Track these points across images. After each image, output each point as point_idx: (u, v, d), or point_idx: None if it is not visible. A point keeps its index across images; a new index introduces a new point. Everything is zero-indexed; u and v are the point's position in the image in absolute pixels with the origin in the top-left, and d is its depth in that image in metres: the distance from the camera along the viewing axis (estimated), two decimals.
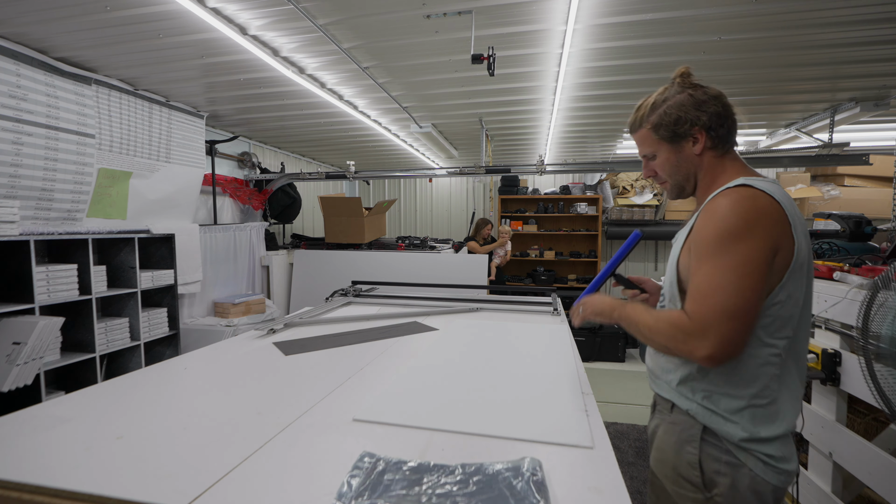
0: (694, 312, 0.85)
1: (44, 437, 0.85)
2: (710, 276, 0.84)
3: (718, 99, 0.96)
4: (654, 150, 1.01)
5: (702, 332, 0.83)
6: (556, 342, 1.60)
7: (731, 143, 0.99)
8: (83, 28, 2.15)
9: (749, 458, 0.88)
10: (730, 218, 0.84)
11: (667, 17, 2.10)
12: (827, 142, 3.61)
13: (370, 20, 2.14)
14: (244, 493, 0.69)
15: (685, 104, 0.95)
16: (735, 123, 0.98)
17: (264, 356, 1.43)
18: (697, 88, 0.97)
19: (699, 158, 0.98)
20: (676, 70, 1.00)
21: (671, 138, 0.98)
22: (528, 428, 0.92)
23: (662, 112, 0.97)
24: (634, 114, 1.04)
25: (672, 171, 1.01)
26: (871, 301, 1.39)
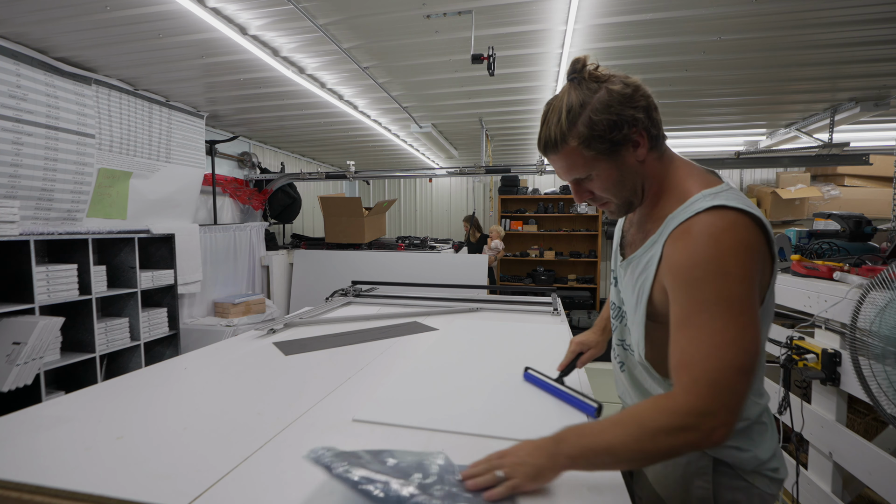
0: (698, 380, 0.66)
1: (44, 437, 0.85)
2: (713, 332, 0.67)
3: (642, 87, 0.77)
4: (588, 169, 0.78)
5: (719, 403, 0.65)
6: (557, 342, 1.60)
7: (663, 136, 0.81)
8: (83, 28, 2.15)
9: (758, 478, 0.80)
10: (721, 258, 0.68)
11: (667, 17, 2.10)
12: (827, 142, 3.61)
13: (370, 20, 2.14)
14: (244, 493, 0.69)
15: (612, 103, 0.74)
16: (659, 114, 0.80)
17: (264, 356, 1.43)
18: (612, 80, 0.76)
19: (642, 166, 0.79)
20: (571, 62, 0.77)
21: (609, 150, 0.75)
22: (529, 429, 0.92)
23: (588, 119, 0.74)
24: (546, 129, 0.78)
25: (617, 189, 0.80)
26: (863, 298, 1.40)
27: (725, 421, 0.64)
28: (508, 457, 0.69)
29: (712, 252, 0.69)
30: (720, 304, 0.67)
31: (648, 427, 0.65)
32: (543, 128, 0.79)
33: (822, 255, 2.03)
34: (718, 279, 0.68)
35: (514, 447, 0.71)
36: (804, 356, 1.73)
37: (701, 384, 0.65)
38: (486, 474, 0.67)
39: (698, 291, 0.69)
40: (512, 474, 0.66)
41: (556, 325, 1.87)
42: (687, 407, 0.65)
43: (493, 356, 1.44)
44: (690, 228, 0.72)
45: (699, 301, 0.69)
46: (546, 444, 0.69)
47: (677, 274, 0.72)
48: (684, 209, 0.75)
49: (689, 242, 0.71)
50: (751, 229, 0.70)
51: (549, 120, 0.78)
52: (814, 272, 1.86)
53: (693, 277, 0.70)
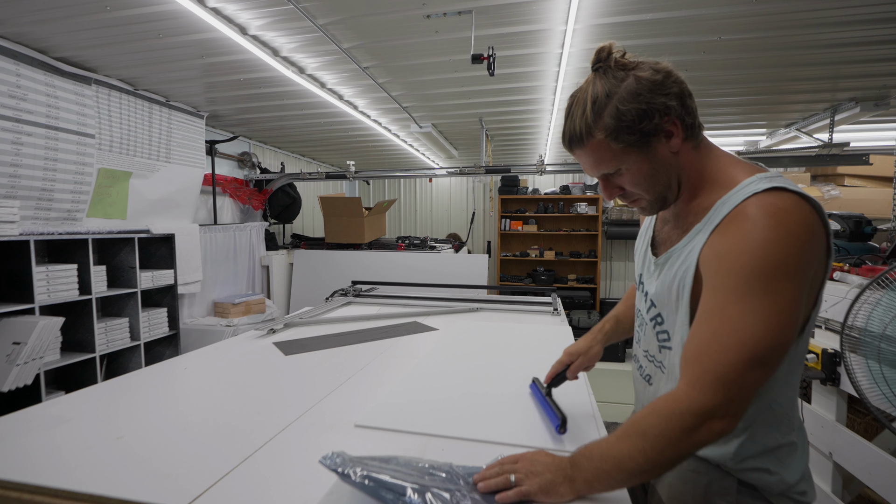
0: (709, 373, 0.62)
1: (44, 437, 0.85)
2: (743, 325, 0.62)
3: (674, 73, 0.71)
4: (617, 163, 0.73)
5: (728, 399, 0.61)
6: (557, 342, 1.60)
7: (702, 127, 0.75)
8: (83, 28, 2.15)
9: (784, 501, 0.74)
10: (777, 242, 0.61)
11: (667, 17, 2.10)
12: (827, 142, 3.61)
13: (370, 20, 2.14)
14: (244, 493, 0.69)
15: (641, 91, 0.68)
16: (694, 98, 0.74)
17: (264, 356, 1.43)
18: (641, 67, 0.70)
19: (677, 157, 0.73)
20: (596, 51, 0.73)
21: (639, 141, 0.70)
22: (531, 434, 0.91)
23: (615, 110, 0.69)
24: (570, 122, 0.74)
25: (649, 184, 0.74)
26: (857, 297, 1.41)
27: (732, 414, 0.61)
28: (523, 462, 0.68)
29: (771, 234, 0.62)
30: (766, 296, 0.61)
31: (651, 436, 0.62)
32: (568, 122, 0.74)
33: None
34: (772, 266, 0.61)
35: (529, 453, 0.70)
36: (804, 356, 1.73)
37: (708, 377, 0.62)
38: (498, 477, 0.65)
39: (743, 278, 0.62)
40: (524, 482, 0.65)
41: (556, 325, 1.87)
42: (689, 406, 0.62)
43: (494, 357, 1.44)
44: (746, 210, 0.66)
45: (741, 289, 0.62)
46: (563, 465, 0.67)
47: (724, 258, 0.65)
48: (738, 192, 0.69)
49: (745, 224, 0.65)
50: (813, 215, 0.64)
51: (573, 113, 0.73)
52: None
53: (742, 263, 0.63)
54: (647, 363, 0.86)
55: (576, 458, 0.67)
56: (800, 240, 0.62)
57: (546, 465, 0.67)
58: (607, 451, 0.65)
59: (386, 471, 0.65)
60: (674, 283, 0.75)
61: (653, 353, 0.83)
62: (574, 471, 0.66)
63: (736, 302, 0.63)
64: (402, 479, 0.63)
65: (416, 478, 0.65)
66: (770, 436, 0.73)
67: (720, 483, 0.75)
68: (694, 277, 0.72)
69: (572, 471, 0.66)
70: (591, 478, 0.64)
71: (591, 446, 0.67)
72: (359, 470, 0.63)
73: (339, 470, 0.63)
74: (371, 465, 0.66)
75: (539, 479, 0.65)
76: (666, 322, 0.79)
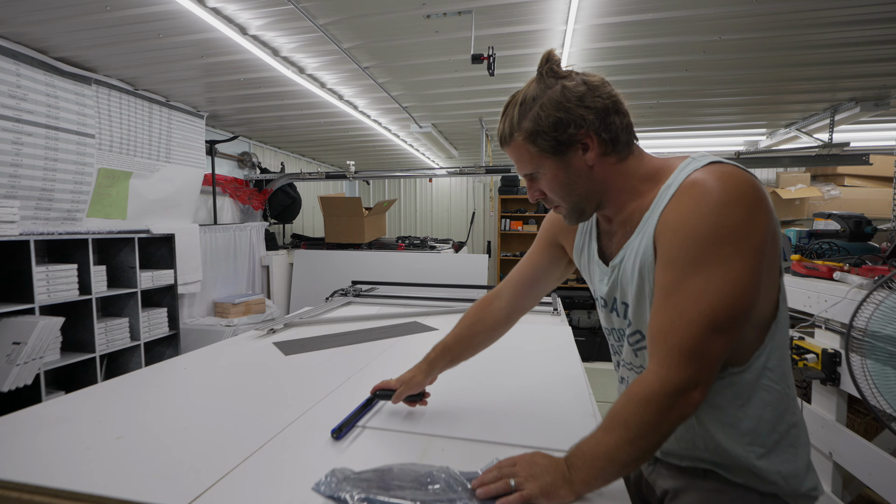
0: (677, 349, 0.63)
1: (44, 437, 0.85)
2: (702, 295, 0.62)
3: (601, 88, 0.72)
4: (534, 166, 0.75)
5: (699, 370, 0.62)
6: (557, 342, 1.60)
7: (631, 141, 0.75)
8: (83, 28, 2.15)
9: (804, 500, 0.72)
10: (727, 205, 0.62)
11: (667, 17, 2.10)
12: (827, 142, 3.61)
13: (370, 20, 2.14)
14: (244, 493, 0.69)
15: (561, 101, 0.70)
16: (628, 115, 0.74)
17: (264, 356, 1.43)
18: (572, 77, 0.72)
19: (592, 171, 0.74)
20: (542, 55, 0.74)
21: (554, 149, 0.72)
22: (533, 434, 0.91)
23: (535, 115, 0.71)
24: (501, 120, 0.77)
25: (564, 192, 0.76)
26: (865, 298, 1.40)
27: (703, 383, 0.63)
28: (521, 465, 0.68)
29: (723, 196, 0.62)
30: (724, 262, 0.62)
31: (633, 425, 0.63)
32: (501, 119, 0.77)
33: (822, 255, 2.03)
34: (727, 230, 0.62)
35: (527, 455, 0.70)
36: (804, 356, 1.73)
37: (675, 353, 0.63)
38: (498, 482, 0.65)
39: (700, 246, 0.63)
40: (525, 485, 0.65)
41: (556, 325, 1.87)
42: (661, 387, 0.62)
43: (494, 356, 1.43)
44: (694, 180, 0.66)
45: (699, 259, 0.63)
46: (561, 467, 0.67)
47: (679, 228, 0.65)
48: (679, 172, 0.70)
49: (695, 191, 0.65)
50: (754, 182, 0.65)
51: (506, 112, 0.76)
52: (814, 272, 1.86)
53: (697, 230, 0.63)
54: (627, 373, 0.84)
55: (570, 459, 0.67)
56: (750, 201, 0.63)
57: (545, 468, 0.67)
58: (596, 447, 0.66)
59: (383, 489, 0.65)
60: (634, 273, 0.74)
61: (630, 360, 0.82)
62: (571, 472, 0.66)
63: (694, 274, 0.63)
64: (401, 498, 0.63)
65: (414, 491, 0.64)
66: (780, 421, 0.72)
67: (743, 498, 0.72)
68: (654, 260, 0.70)
69: (569, 473, 0.66)
70: (588, 477, 0.65)
71: (582, 445, 0.68)
72: (356, 493, 0.63)
73: (334, 495, 0.63)
74: (367, 481, 0.66)
75: (539, 483, 0.65)
76: (635, 321, 0.77)
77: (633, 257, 0.74)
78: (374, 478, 0.68)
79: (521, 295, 1.01)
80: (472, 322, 1.04)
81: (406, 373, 1.01)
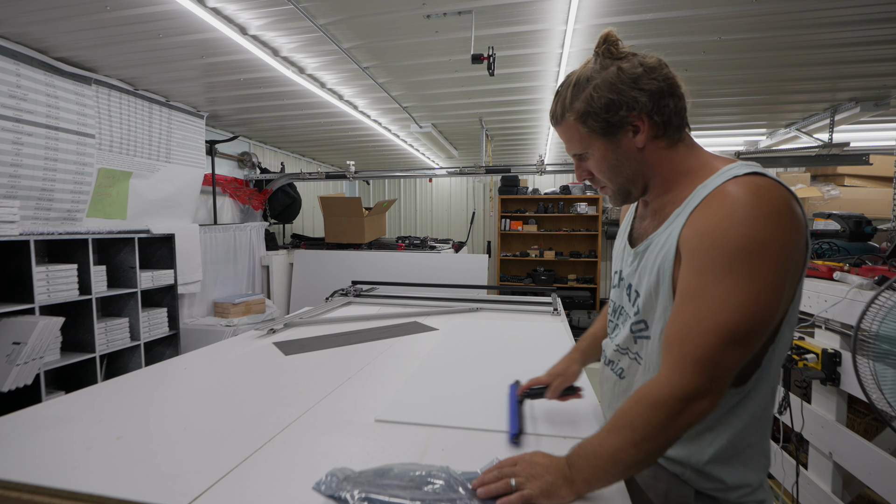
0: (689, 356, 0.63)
1: (44, 437, 0.85)
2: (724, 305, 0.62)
3: (658, 70, 0.71)
4: (584, 146, 0.76)
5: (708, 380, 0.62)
6: (557, 342, 1.60)
7: (683, 126, 0.75)
8: (83, 28, 2.15)
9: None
10: (759, 220, 0.61)
11: (667, 17, 2.10)
12: (827, 142, 3.61)
13: (370, 20, 2.14)
14: (244, 493, 0.69)
15: (615, 82, 0.70)
16: (684, 98, 0.74)
17: (264, 356, 1.43)
18: (629, 59, 0.72)
19: (642, 154, 0.74)
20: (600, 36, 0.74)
21: (604, 130, 0.72)
22: (532, 424, 0.93)
23: (588, 96, 0.72)
24: (555, 100, 0.78)
25: (612, 173, 0.77)
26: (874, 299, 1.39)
27: (714, 393, 0.62)
28: (521, 465, 0.67)
29: (755, 211, 0.61)
30: (748, 276, 0.61)
31: (640, 427, 0.63)
32: (555, 98, 0.78)
33: (823, 255, 2.03)
34: (755, 243, 0.61)
35: (527, 455, 0.70)
36: (804, 356, 1.73)
37: (689, 360, 0.62)
38: (498, 482, 0.65)
39: (726, 256, 0.62)
40: (525, 485, 0.64)
41: (556, 325, 1.87)
42: (672, 392, 0.62)
43: (495, 356, 1.44)
44: (728, 188, 0.65)
45: (723, 268, 0.62)
46: (561, 466, 0.67)
47: (706, 235, 0.65)
48: (719, 175, 0.69)
49: (728, 200, 0.64)
50: (789, 198, 0.63)
51: (559, 91, 0.77)
52: (814, 272, 1.86)
53: (725, 240, 0.62)
54: (619, 357, 0.85)
55: (572, 459, 0.67)
56: (782, 218, 0.62)
57: (545, 467, 0.67)
58: (600, 447, 0.65)
59: (383, 488, 0.65)
60: (654, 269, 0.74)
61: (626, 345, 0.82)
62: (572, 471, 0.66)
63: (717, 282, 0.62)
64: (401, 498, 0.63)
65: (414, 491, 0.64)
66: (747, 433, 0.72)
67: (677, 491, 0.75)
68: (674, 261, 0.71)
69: (570, 472, 0.66)
70: (590, 477, 0.65)
71: (585, 444, 0.67)
72: (356, 493, 0.63)
73: (334, 495, 0.64)
74: (367, 481, 0.66)
75: (540, 483, 0.65)
76: (643, 311, 0.78)
77: (656, 252, 0.74)
78: (374, 477, 0.68)
79: None
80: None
81: (558, 364, 1.00)
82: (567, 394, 0.96)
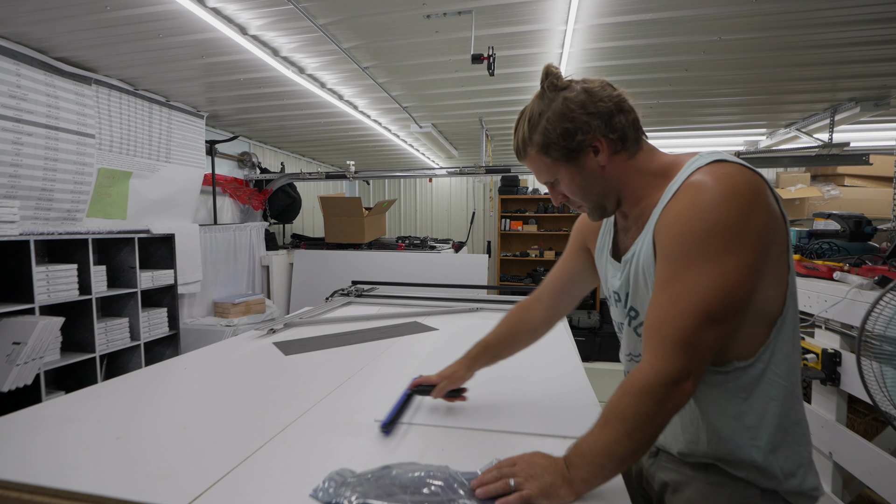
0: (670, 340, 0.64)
1: (44, 437, 0.85)
2: (696, 288, 0.64)
3: (601, 91, 0.75)
4: (551, 174, 0.80)
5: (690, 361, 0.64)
6: (556, 341, 1.60)
7: (640, 136, 0.78)
8: (83, 28, 2.15)
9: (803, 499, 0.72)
10: (722, 204, 0.64)
11: (667, 17, 2.10)
12: (827, 142, 3.61)
13: (370, 20, 2.14)
14: (244, 493, 0.69)
15: (565, 112, 0.74)
16: (633, 111, 0.77)
17: (264, 356, 1.43)
18: (571, 87, 0.76)
19: (606, 170, 0.77)
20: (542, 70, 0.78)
21: (566, 157, 0.76)
22: (533, 423, 0.93)
23: (544, 128, 0.76)
24: (514, 137, 0.82)
25: (583, 193, 0.80)
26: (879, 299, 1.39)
27: (695, 373, 0.64)
28: (521, 465, 0.68)
29: (717, 196, 0.65)
30: (717, 257, 0.64)
31: (630, 417, 0.64)
32: (514, 135, 0.82)
33: (822, 255, 2.03)
34: (721, 227, 0.64)
35: (526, 455, 0.70)
36: (804, 356, 1.73)
37: (668, 344, 0.64)
38: (497, 482, 0.66)
39: (694, 243, 0.65)
40: (524, 485, 0.65)
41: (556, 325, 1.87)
42: (656, 378, 0.64)
43: None
44: (691, 180, 0.69)
45: (692, 254, 0.65)
46: (560, 467, 0.67)
47: (673, 225, 0.68)
48: (684, 171, 0.72)
49: (692, 191, 0.68)
50: (754, 179, 0.66)
51: (517, 128, 0.81)
52: (814, 272, 1.86)
53: (692, 227, 0.65)
54: (631, 365, 0.87)
55: (569, 459, 0.68)
56: (745, 199, 0.64)
57: (544, 468, 0.67)
58: (594, 444, 0.66)
59: (382, 490, 0.65)
60: (640, 269, 0.77)
61: (636, 352, 0.84)
62: (571, 472, 0.66)
63: (687, 267, 0.65)
64: (400, 502, 0.63)
65: (413, 494, 0.65)
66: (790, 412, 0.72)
67: (743, 493, 0.73)
68: (653, 257, 0.73)
69: (569, 472, 0.66)
70: (588, 475, 0.66)
71: (580, 443, 0.68)
72: (354, 499, 0.63)
73: (332, 502, 0.64)
74: (365, 485, 0.67)
75: (539, 483, 0.65)
76: (640, 314, 0.80)
77: (640, 253, 0.77)
78: (373, 479, 0.68)
79: (556, 299, 1.05)
80: (512, 323, 1.08)
81: (447, 368, 1.03)
82: (452, 395, 1.02)
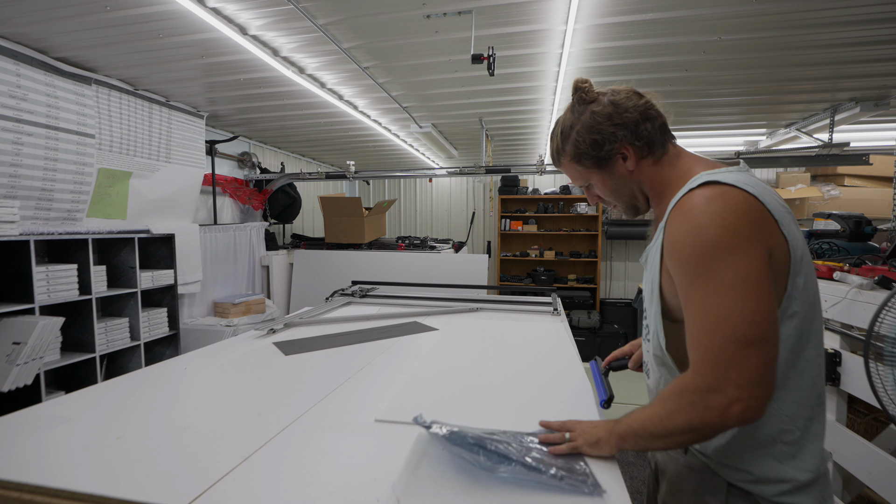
0: (702, 358, 0.68)
1: (44, 437, 0.85)
2: (707, 307, 0.68)
3: (626, 102, 0.82)
4: (585, 179, 0.90)
5: (722, 379, 0.65)
6: (557, 341, 1.60)
7: (667, 140, 0.84)
8: (83, 28, 2.15)
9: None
10: (707, 227, 0.68)
11: (667, 17, 2.10)
12: (827, 142, 3.61)
13: (370, 20, 2.14)
14: (244, 493, 0.69)
15: (593, 125, 0.82)
16: (661, 116, 0.83)
17: (264, 356, 1.43)
18: (599, 100, 0.83)
19: (634, 174, 0.85)
20: (572, 84, 0.86)
21: (597, 164, 0.85)
22: (533, 423, 0.92)
23: (574, 141, 0.85)
24: (551, 145, 0.93)
25: (615, 195, 0.90)
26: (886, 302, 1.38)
27: (739, 396, 0.64)
28: (579, 425, 0.81)
29: (698, 222, 0.69)
30: (712, 279, 0.67)
31: (667, 405, 0.71)
32: (549, 144, 0.93)
33: (822, 255, 2.03)
34: (707, 251, 0.68)
35: (585, 420, 0.83)
36: None
37: (703, 362, 0.68)
38: (556, 433, 0.80)
39: (690, 266, 0.70)
40: (575, 438, 0.78)
41: (556, 325, 1.87)
42: (692, 384, 0.69)
43: (495, 356, 1.44)
44: (681, 205, 0.74)
45: (693, 277, 0.70)
46: (608, 423, 0.79)
47: (671, 253, 0.74)
48: (686, 186, 0.76)
49: (679, 218, 0.73)
50: (741, 199, 0.69)
51: (552, 138, 0.92)
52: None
53: (686, 254, 0.71)
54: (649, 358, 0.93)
55: (621, 418, 0.78)
56: (728, 218, 0.68)
57: (594, 425, 0.80)
58: (641, 412, 0.75)
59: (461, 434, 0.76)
60: (649, 278, 0.84)
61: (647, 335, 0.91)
62: (615, 425, 0.78)
63: (696, 289, 0.70)
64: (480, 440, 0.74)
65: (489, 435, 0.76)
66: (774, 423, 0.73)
67: (710, 481, 0.79)
68: (660, 273, 0.80)
69: (613, 425, 0.78)
70: (625, 433, 0.75)
71: (634, 410, 0.77)
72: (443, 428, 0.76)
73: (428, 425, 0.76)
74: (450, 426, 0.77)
75: (586, 437, 0.78)
76: (647, 315, 0.88)
77: (650, 265, 0.85)
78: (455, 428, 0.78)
79: None
80: None
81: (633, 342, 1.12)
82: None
